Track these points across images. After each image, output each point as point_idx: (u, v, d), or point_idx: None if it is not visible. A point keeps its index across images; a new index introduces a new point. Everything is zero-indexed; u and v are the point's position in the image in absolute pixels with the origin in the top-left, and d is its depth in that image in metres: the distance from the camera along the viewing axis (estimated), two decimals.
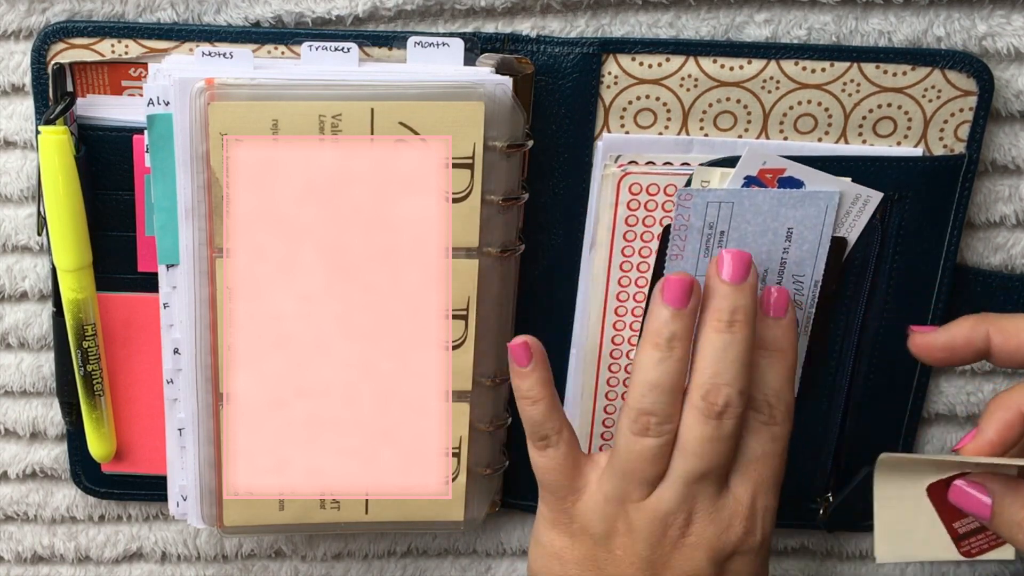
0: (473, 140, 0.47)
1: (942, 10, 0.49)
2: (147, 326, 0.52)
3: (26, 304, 0.54)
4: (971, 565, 0.60)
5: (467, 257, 0.49)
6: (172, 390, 0.51)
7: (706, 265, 0.50)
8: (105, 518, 0.59)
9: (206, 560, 0.60)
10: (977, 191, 0.52)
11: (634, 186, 0.50)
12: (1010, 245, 0.53)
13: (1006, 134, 0.51)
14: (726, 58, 0.49)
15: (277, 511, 0.52)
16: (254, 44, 0.49)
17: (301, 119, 0.46)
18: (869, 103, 0.49)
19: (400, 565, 0.61)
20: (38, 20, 0.49)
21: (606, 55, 0.49)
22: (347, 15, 0.49)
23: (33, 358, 0.55)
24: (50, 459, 0.57)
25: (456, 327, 0.50)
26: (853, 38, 0.49)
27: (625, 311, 0.52)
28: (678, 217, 0.49)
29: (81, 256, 0.50)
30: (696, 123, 0.50)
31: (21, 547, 0.59)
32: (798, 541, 0.60)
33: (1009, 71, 0.50)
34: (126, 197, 0.51)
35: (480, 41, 0.49)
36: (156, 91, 0.47)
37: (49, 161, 0.48)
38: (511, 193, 0.49)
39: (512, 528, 0.60)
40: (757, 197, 0.49)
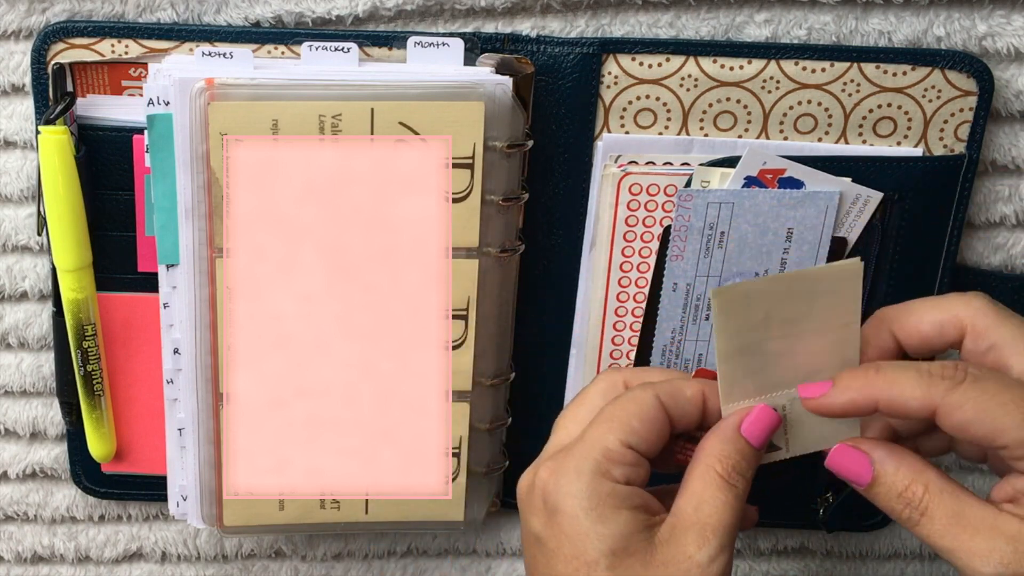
0: (473, 140, 0.47)
1: (942, 10, 0.49)
2: (147, 326, 0.52)
3: (26, 304, 0.54)
4: None
5: (467, 257, 0.49)
6: (172, 390, 0.51)
7: (706, 265, 0.50)
8: (105, 518, 0.59)
9: (206, 560, 0.60)
10: (977, 191, 0.52)
11: (634, 186, 0.50)
12: (1010, 245, 0.53)
13: (1006, 134, 0.51)
14: (726, 58, 0.49)
15: (277, 511, 0.52)
16: (254, 44, 0.49)
17: (301, 119, 0.46)
18: (869, 103, 0.50)
19: (400, 565, 0.61)
20: (38, 20, 0.49)
21: (606, 55, 0.49)
22: (347, 15, 0.49)
23: (33, 358, 0.55)
24: (50, 459, 0.57)
25: (456, 327, 0.50)
26: (853, 38, 0.49)
27: (625, 311, 0.52)
28: (678, 217, 0.49)
29: (81, 256, 0.50)
30: (696, 123, 0.50)
31: (21, 547, 0.59)
32: (798, 541, 0.60)
33: (1009, 71, 0.50)
34: (126, 197, 0.51)
35: (480, 41, 0.49)
36: (156, 91, 0.47)
37: (49, 161, 0.48)
38: (511, 193, 0.49)
39: (512, 528, 0.60)
40: (757, 197, 0.49)
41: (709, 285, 0.50)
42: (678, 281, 0.51)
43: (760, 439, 0.41)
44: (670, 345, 0.52)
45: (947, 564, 0.60)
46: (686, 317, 0.51)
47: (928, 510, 0.38)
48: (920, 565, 0.60)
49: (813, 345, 0.41)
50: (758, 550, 0.60)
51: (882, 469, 0.40)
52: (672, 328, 0.51)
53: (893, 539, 0.60)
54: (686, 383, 0.42)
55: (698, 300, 0.51)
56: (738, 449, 0.41)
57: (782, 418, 0.42)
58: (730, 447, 0.41)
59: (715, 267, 0.50)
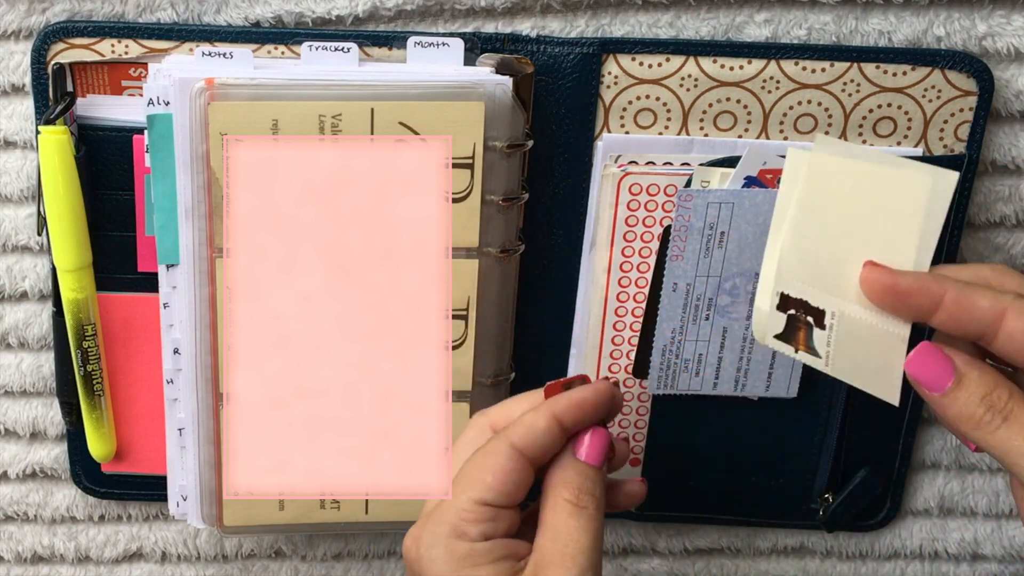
0: (473, 140, 0.47)
1: (942, 10, 0.49)
2: (147, 326, 0.52)
3: (26, 304, 0.54)
4: (971, 564, 0.60)
5: (467, 257, 0.49)
6: (172, 390, 0.51)
7: (706, 265, 0.50)
8: (105, 518, 0.59)
9: (206, 560, 0.60)
10: (977, 191, 0.52)
11: (634, 186, 0.50)
12: (1010, 245, 0.53)
13: (1006, 134, 0.51)
14: (726, 58, 0.49)
15: (277, 511, 0.52)
16: (254, 44, 0.49)
17: (301, 119, 0.46)
18: (869, 103, 0.49)
19: (400, 565, 0.61)
20: (38, 20, 0.49)
21: (606, 55, 0.49)
22: (347, 15, 0.49)
23: (33, 358, 0.55)
24: (50, 459, 0.57)
25: (456, 327, 0.50)
26: (853, 38, 0.49)
27: (625, 311, 0.52)
28: (678, 217, 0.49)
29: (81, 256, 0.50)
30: (696, 123, 0.50)
31: (21, 547, 0.59)
32: (798, 541, 0.60)
33: (1009, 71, 0.50)
34: (126, 197, 0.51)
35: (480, 41, 0.49)
36: (156, 91, 0.47)
37: (49, 161, 0.48)
38: (511, 193, 0.49)
39: None
40: (757, 197, 0.49)
41: (709, 285, 0.50)
42: (678, 281, 0.51)
43: (598, 458, 0.42)
44: (670, 345, 0.52)
45: (947, 565, 0.60)
46: (686, 317, 0.51)
47: (1013, 414, 0.38)
48: (920, 565, 0.60)
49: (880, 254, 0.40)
50: (758, 550, 0.60)
51: (968, 371, 0.39)
52: (672, 328, 0.51)
53: (893, 539, 0.60)
54: (538, 415, 0.42)
55: (698, 300, 0.51)
56: (579, 472, 0.42)
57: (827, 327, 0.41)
58: (571, 472, 0.42)
59: (715, 267, 0.50)
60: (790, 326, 0.44)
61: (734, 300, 0.51)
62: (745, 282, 0.50)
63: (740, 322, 0.51)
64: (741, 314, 0.51)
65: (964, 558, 0.60)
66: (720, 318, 0.51)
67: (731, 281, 0.50)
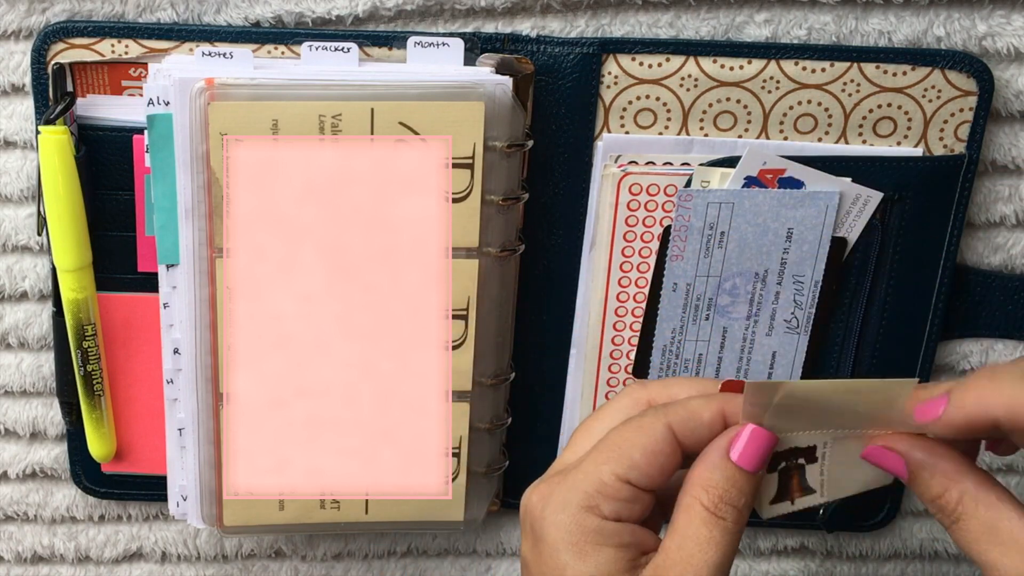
0: (473, 140, 0.47)
1: (942, 10, 0.49)
2: (147, 326, 0.52)
3: (26, 304, 0.54)
4: (971, 564, 0.60)
5: (467, 257, 0.49)
6: (172, 390, 0.51)
7: (706, 265, 0.50)
8: (105, 518, 0.59)
9: (206, 560, 0.60)
10: (977, 191, 0.52)
11: (634, 186, 0.50)
12: (1010, 245, 0.53)
13: (1006, 134, 0.51)
14: (726, 58, 0.49)
15: (277, 511, 0.52)
16: (254, 44, 0.49)
17: (301, 119, 0.46)
18: (869, 103, 0.50)
19: (400, 565, 0.61)
20: (38, 20, 0.49)
21: (606, 55, 0.49)
22: (347, 15, 0.49)
23: (33, 358, 0.55)
24: (50, 459, 0.57)
25: (456, 327, 0.50)
26: (853, 38, 0.49)
27: (625, 311, 0.52)
28: (678, 218, 0.49)
29: (81, 256, 0.50)
30: (696, 123, 0.50)
31: (21, 547, 0.59)
32: (798, 541, 0.60)
33: (1009, 71, 0.50)
34: (126, 197, 0.51)
35: (480, 41, 0.49)
36: (156, 91, 0.47)
37: (49, 161, 0.48)
38: (511, 193, 0.49)
39: (512, 528, 0.60)
40: (757, 197, 0.49)
41: (709, 285, 0.50)
42: (678, 281, 0.51)
43: (755, 463, 0.37)
44: (670, 345, 0.52)
45: (947, 565, 0.60)
46: (686, 317, 0.51)
47: (961, 520, 0.36)
48: (920, 565, 0.60)
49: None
50: (758, 550, 0.60)
51: (917, 474, 0.37)
52: (672, 328, 0.51)
53: (893, 539, 0.60)
54: (706, 406, 0.38)
55: (698, 300, 0.51)
56: (727, 477, 0.37)
57: (819, 458, 0.38)
58: (718, 475, 0.37)
59: (715, 267, 0.50)
60: (783, 483, 0.39)
61: (734, 300, 0.51)
62: (745, 282, 0.50)
63: (740, 322, 0.51)
64: (741, 314, 0.51)
65: (964, 558, 0.60)
66: (720, 318, 0.51)
67: (731, 281, 0.50)
